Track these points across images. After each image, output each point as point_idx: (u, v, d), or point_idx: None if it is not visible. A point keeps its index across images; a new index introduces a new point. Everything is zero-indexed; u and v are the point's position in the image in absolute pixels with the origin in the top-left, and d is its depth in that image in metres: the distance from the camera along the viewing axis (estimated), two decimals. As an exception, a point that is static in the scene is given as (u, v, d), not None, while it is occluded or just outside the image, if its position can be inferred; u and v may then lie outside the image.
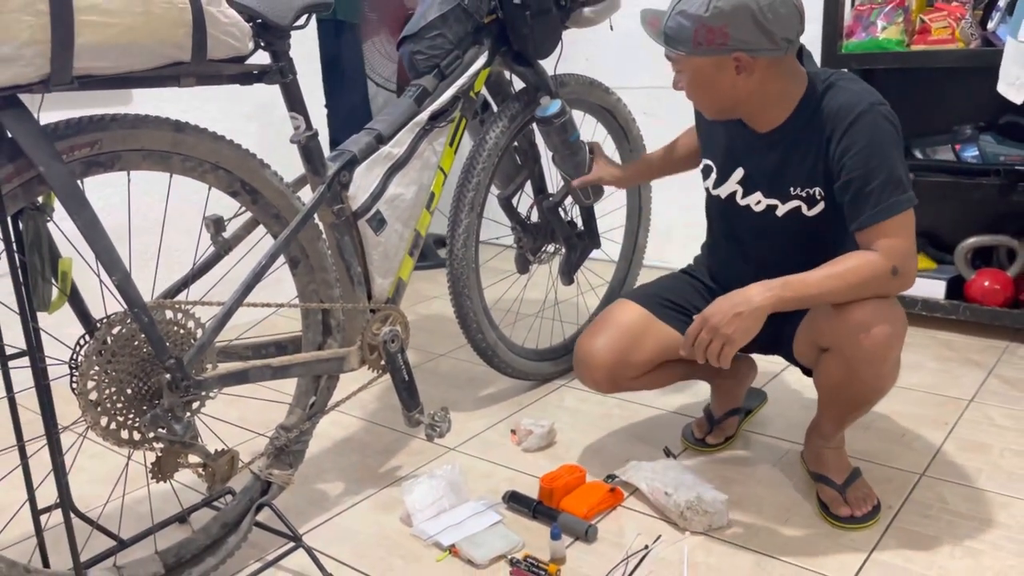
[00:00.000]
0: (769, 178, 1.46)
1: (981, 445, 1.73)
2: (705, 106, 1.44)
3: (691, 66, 1.37)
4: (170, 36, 1.14)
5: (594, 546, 1.45)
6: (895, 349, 1.33)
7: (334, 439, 1.93)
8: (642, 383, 1.64)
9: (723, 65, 1.34)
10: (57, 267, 1.24)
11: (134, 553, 1.40)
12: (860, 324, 1.30)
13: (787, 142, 1.41)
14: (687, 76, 1.40)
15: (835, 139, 1.34)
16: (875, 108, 1.31)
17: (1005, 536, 1.42)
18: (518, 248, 2.12)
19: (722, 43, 1.30)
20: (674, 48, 1.37)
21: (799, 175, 1.41)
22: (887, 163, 1.29)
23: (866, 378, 1.35)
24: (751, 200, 1.49)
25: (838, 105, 1.34)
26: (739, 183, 1.50)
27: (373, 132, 1.62)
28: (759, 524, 1.49)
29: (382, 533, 1.53)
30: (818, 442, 1.54)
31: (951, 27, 2.20)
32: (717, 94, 1.39)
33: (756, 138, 1.46)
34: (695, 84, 1.40)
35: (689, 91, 1.42)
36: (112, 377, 1.18)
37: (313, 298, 1.50)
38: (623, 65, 3.18)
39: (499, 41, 1.87)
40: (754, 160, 1.47)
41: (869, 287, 1.29)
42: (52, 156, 1.08)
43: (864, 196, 1.30)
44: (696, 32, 1.31)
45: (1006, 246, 2.34)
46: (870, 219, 1.30)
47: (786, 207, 1.44)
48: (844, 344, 1.33)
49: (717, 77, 1.36)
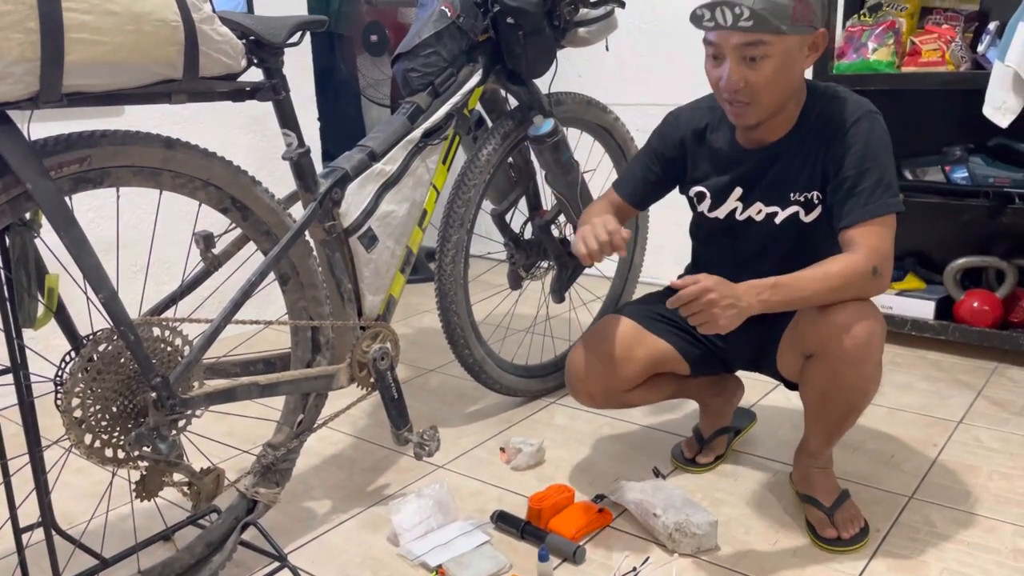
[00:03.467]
0: (769, 188, 1.46)
1: (969, 467, 1.73)
2: (773, 98, 1.34)
3: (783, 46, 1.27)
4: (162, 54, 1.13)
5: (582, 568, 1.44)
6: (876, 350, 1.34)
7: (322, 456, 1.92)
8: (633, 397, 1.64)
9: (804, 44, 1.31)
10: (44, 283, 1.23)
11: (117, 572, 1.39)
12: (841, 326, 1.32)
13: (790, 152, 1.42)
14: (775, 60, 1.28)
15: (834, 142, 1.36)
16: (872, 115, 1.36)
17: (993, 560, 1.42)
18: (511, 264, 2.12)
19: (812, 19, 1.27)
20: (769, 27, 1.24)
21: (799, 181, 1.42)
22: (880, 166, 1.33)
23: (850, 380, 1.36)
24: (751, 211, 1.49)
25: (837, 111, 1.37)
26: (738, 200, 1.50)
27: (366, 149, 1.62)
28: (748, 546, 1.49)
29: (369, 553, 1.52)
30: (806, 462, 1.54)
31: (941, 49, 2.22)
32: (792, 80, 1.33)
33: (754, 153, 1.45)
34: (780, 70, 1.29)
35: (768, 80, 1.30)
36: (97, 395, 1.17)
37: (303, 315, 1.49)
38: (616, 82, 3.19)
39: (493, 59, 1.87)
40: (752, 175, 1.47)
41: (851, 288, 1.32)
42: (40, 173, 1.08)
43: (855, 195, 1.33)
44: (795, 8, 1.25)
45: (995, 267, 2.35)
46: (858, 217, 1.33)
47: (785, 213, 1.45)
48: (827, 346, 1.35)
49: (798, 58, 1.31)
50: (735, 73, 1.32)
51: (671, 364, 1.64)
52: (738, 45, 1.30)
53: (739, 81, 1.32)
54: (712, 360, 1.65)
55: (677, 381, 1.71)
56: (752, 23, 1.25)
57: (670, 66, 3.07)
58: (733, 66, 1.32)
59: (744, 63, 1.31)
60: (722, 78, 1.34)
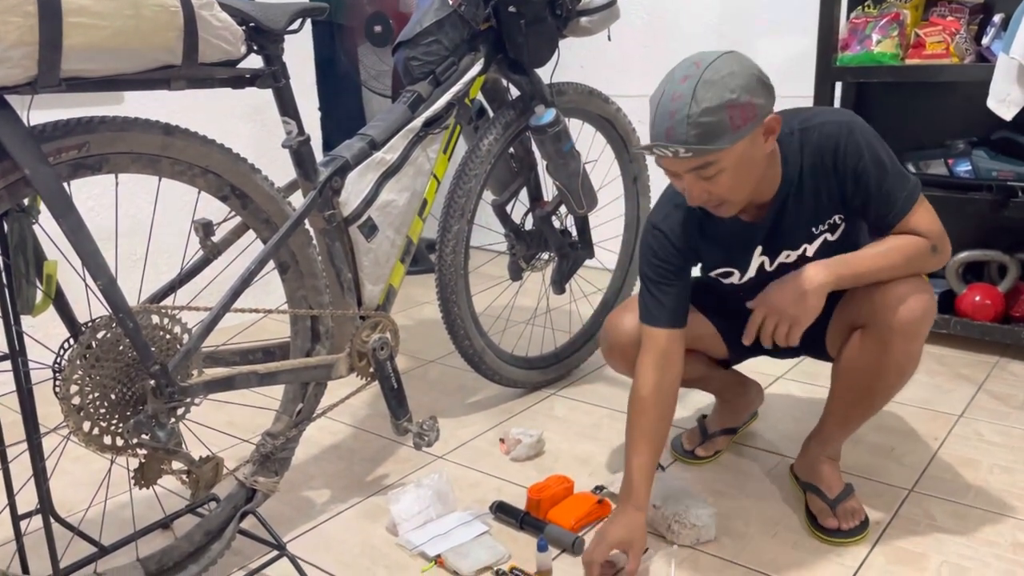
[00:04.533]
0: (790, 234, 1.42)
1: (970, 461, 1.73)
2: (743, 194, 1.31)
3: (733, 156, 1.24)
4: (161, 40, 1.13)
5: (581, 558, 1.44)
6: (926, 326, 1.36)
7: (321, 445, 1.91)
8: None
9: (755, 139, 1.26)
10: (42, 270, 1.22)
11: (115, 560, 1.39)
12: (899, 297, 1.34)
13: (794, 196, 1.38)
14: (730, 170, 1.25)
15: (839, 167, 1.34)
16: (854, 124, 1.35)
17: (992, 554, 1.42)
18: (511, 255, 2.12)
19: (754, 115, 1.23)
20: (712, 148, 1.21)
21: (817, 214, 1.40)
22: (887, 164, 1.33)
23: (896, 354, 1.36)
24: (780, 259, 1.46)
25: (823, 138, 1.34)
26: (762, 255, 1.46)
27: (366, 138, 1.61)
28: (747, 538, 1.48)
29: (367, 542, 1.52)
30: (816, 449, 1.54)
31: (946, 42, 2.21)
32: (756, 171, 1.30)
33: (759, 220, 1.41)
34: (739, 173, 1.26)
35: (730, 186, 1.28)
36: (96, 382, 1.17)
37: (302, 304, 1.49)
38: (618, 73, 3.18)
39: (495, 48, 1.86)
40: (768, 234, 1.43)
41: (913, 263, 1.34)
42: (38, 158, 1.07)
43: (882, 200, 1.34)
44: (731, 118, 1.21)
45: (997, 261, 2.34)
46: (895, 217, 1.34)
47: (815, 245, 1.43)
48: (882, 316, 1.35)
49: (754, 153, 1.27)
50: (695, 189, 1.29)
51: (709, 343, 1.65)
52: (689, 168, 1.27)
53: (702, 194, 1.30)
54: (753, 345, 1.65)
55: (708, 366, 1.71)
56: (692, 154, 1.22)
57: (673, 57, 3.05)
58: (691, 183, 1.29)
59: (700, 179, 1.28)
60: (686, 192, 1.31)
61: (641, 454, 1.41)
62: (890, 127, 2.55)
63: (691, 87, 1.20)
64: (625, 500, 1.40)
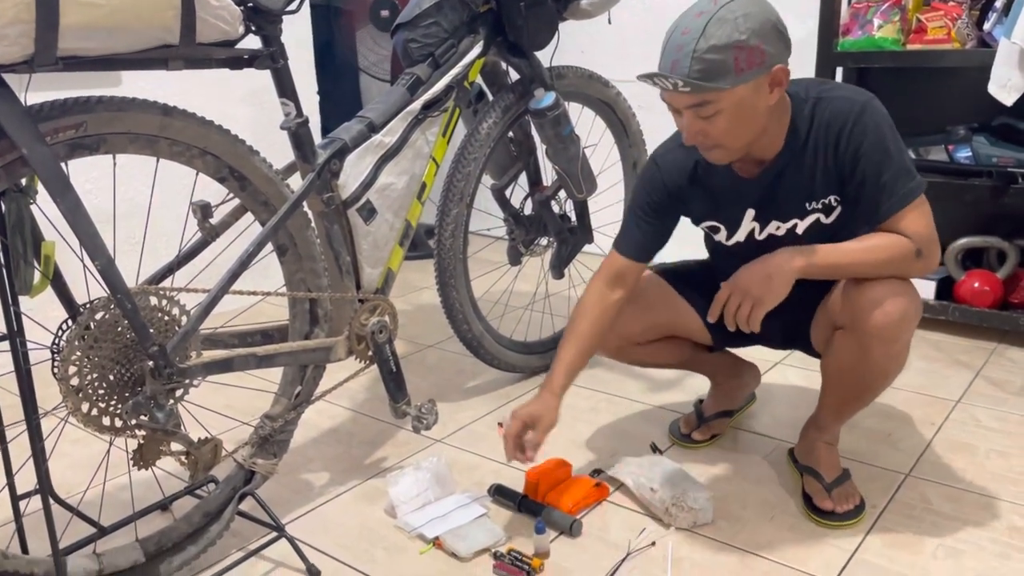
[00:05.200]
0: (783, 205, 1.42)
1: (967, 446, 1.73)
2: (740, 142, 1.30)
3: (733, 99, 1.23)
4: (158, 18, 1.12)
5: (578, 541, 1.45)
6: (907, 330, 1.34)
7: (320, 428, 1.92)
8: (644, 353, 1.66)
9: (760, 86, 1.25)
10: (40, 250, 1.22)
11: (114, 540, 1.39)
12: (875, 300, 1.31)
13: (794, 164, 1.37)
14: (728, 113, 1.25)
15: (841, 145, 1.32)
16: (869, 105, 1.32)
17: (988, 537, 1.42)
18: (510, 240, 2.11)
19: (761, 61, 1.21)
20: (712, 86, 1.21)
21: (812, 190, 1.39)
22: (893, 155, 1.30)
23: (876, 357, 1.35)
24: (770, 229, 1.46)
25: (833, 114, 1.32)
26: (754, 221, 1.46)
27: (365, 120, 1.60)
28: (744, 521, 1.49)
29: (366, 524, 1.52)
30: (813, 435, 1.55)
31: (947, 27, 2.20)
32: (755, 121, 1.28)
33: (755, 179, 1.41)
34: (737, 118, 1.26)
35: (726, 130, 1.27)
36: (94, 363, 1.17)
37: (301, 287, 1.49)
38: (619, 57, 3.16)
39: (494, 31, 1.85)
40: (761, 196, 1.43)
41: (894, 264, 1.31)
42: (35, 138, 1.07)
43: (879, 189, 1.31)
44: (736, 59, 1.20)
45: (996, 248, 2.34)
46: (888, 210, 1.31)
47: (806, 223, 1.42)
48: (858, 319, 1.34)
49: (756, 101, 1.26)
50: (692, 127, 1.28)
51: (692, 332, 1.65)
52: (688, 104, 1.26)
53: (697, 134, 1.29)
54: (739, 335, 1.65)
55: (694, 350, 1.71)
56: (689, 89, 1.21)
57: (673, 42, 3.04)
58: (689, 120, 1.28)
59: (698, 118, 1.27)
60: (683, 129, 1.31)
61: (570, 351, 1.50)
62: (891, 113, 2.52)
63: (703, 23, 1.20)
64: (543, 386, 1.48)
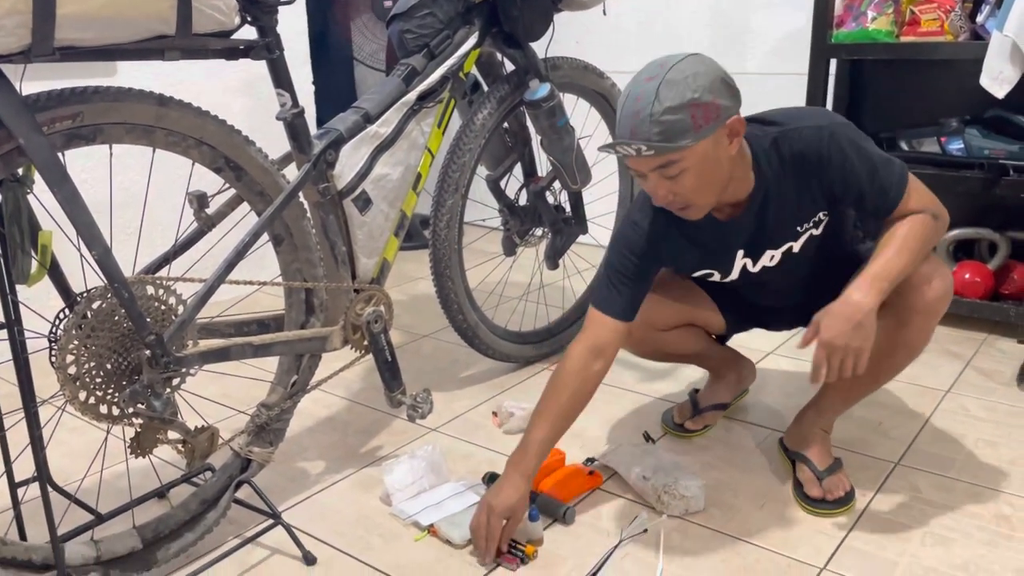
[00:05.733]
0: (772, 234, 1.44)
1: (956, 435, 1.75)
2: (709, 196, 1.32)
3: (696, 156, 1.25)
4: (155, 9, 1.13)
5: (571, 528, 1.47)
6: (944, 307, 1.39)
7: (316, 418, 1.93)
8: (669, 340, 1.68)
9: (719, 139, 1.26)
10: (37, 240, 1.23)
11: (112, 528, 1.40)
12: (925, 276, 1.37)
13: (772, 196, 1.39)
14: (693, 170, 1.26)
15: (825, 173, 1.35)
16: (835, 128, 1.34)
17: (976, 525, 1.44)
18: (505, 230, 2.12)
19: (717, 115, 1.23)
20: (674, 146, 1.22)
21: (800, 215, 1.41)
22: (873, 158, 1.34)
23: (914, 332, 1.39)
24: (764, 260, 1.48)
25: (805, 144, 1.34)
26: (744, 257, 1.48)
27: (360, 111, 1.61)
28: (735, 509, 1.51)
29: (361, 512, 1.54)
30: (812, 418, 1.57)
31: (941, 19, 2.21)
32: (721, 173, 1.30)
33: (735, 221, 1.42)
34: (702, 174, 1.27)
35: (694, 187, 1.28)
36: (91, 352, 1.18)
37: (296, 277, 1.49)
38: (613, 49, 3.17)
39: (489, 22, 1.86)
40: (748, 236, 1.44)
41: (927, 239, 1.34)
42: (32, 128, 1.07)
43: (877, 192, 1.34)
44: (694, 117, 1.21)
45: (988, 239, 2.36)
46: (893, 203, 1.35)
47: (800, 242, 1.45)
48: (907, 295, 1.37)
49: (718, 154, 1.27)
50: (660, 189, 1.30)
51: (708, 317, 1.68)
52: (653, 167, 1.27)
53: (667, 195, 1.30)
54: (750, 319, 1.69)
55: (707, 342, 1.74)
56: (654, 152, 1.23)
57: (668, 33, 3.04)
58: (656, 183, 1.29)
59: (665, 179, 1.28)
60: (652, 192, 1.32)
61: (544, 430, 1.43)
62: (884, 105, 2.57)
63: (654, 87, 1.21)
64: (514, 467, 1.42)
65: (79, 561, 1.27)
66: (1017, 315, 2.20)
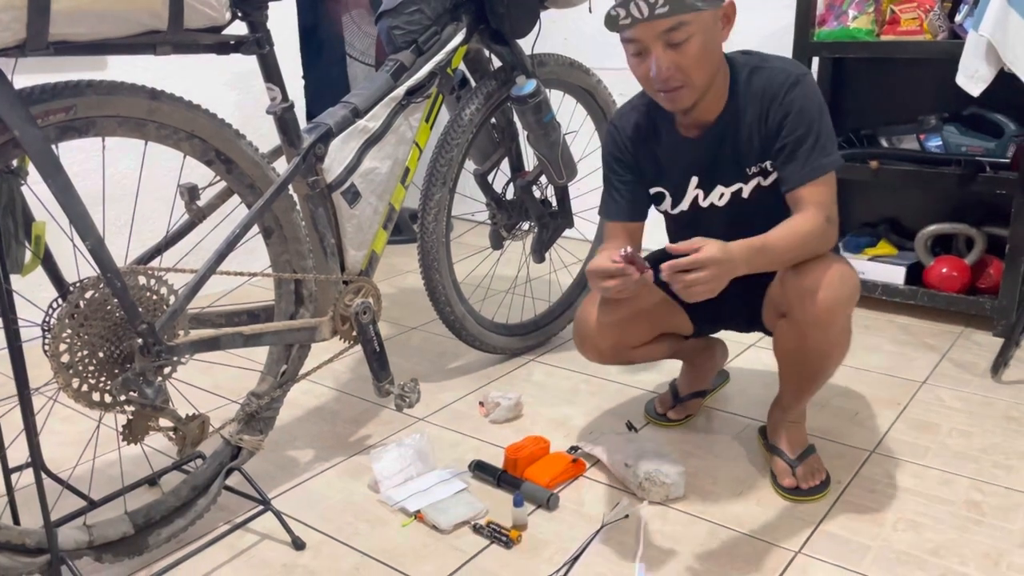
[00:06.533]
0: (724, 169, 1.49)
1: (930, 425, 1.80)
2: (706, 76, 1.35)
3: (702, 23, 1.28)
4: (147, 4, 1.15)
5: (555, 513, 1.50)
6: (841, 314, 1.39)
7: (305, 407, 1.96)
8: (638, 353, 1.69)
9: (717, 18, 1.32)
10: (31, 230, 1.25)
11: (104, 513, 1.43)
12: (808, 288, 1.37)
13: (731, 128, 1.45)
14: (698, 38, 1.29)
15: (771, 112, 1.40)
16: (802, 79, 1.39)
17: (947, 511, 1.49)
18: (492, 224, 2.15)
19: None
20: (684, 8, 1.25)
21: (749, 155, 1.46)
22: (814, 128, 1.37)
23: (815, 342, 1.42)
24: (714, 197, 1.52)
25: (768, 81, 1.40)
26: (697, 187, 1.53)
27: (349, 106, 1.64)
28: (715, 496, 1.55)
29: (350, 499, 1.57)
30: (778, 415, 1.61)
31: (920, 18, 2.25)
32: (716, 56, 1.34)
33: (697, 140, 1.47)
34: (705, 47, 1.30)
35: (697, 57, 1.31)
36: (84, 340, 1.20)
37: (286, 268, 1.52)
38: (601, 45, 3.19)
39: (477, 19, 1.88)
40: (704, 161, 1.49)
41: (815, 240, 1.36)
42: (27, 120, 1.09)
43: (794, 159, 1.38)
44: None
45: (965, 234, 2.41)
46: (798, 180, 1.38)
47: (749, 187, 1.49)
48: (794, 307, 1.40)
49: (716, 34, 1.32)
50: (664, 60, 1.32)
51: (678, 323, 1.70)
52: (660, 33, 1.30)
53: (670, 67, 1.32)
54: (715, 320, 1.72)
55: (677, 341, 1.76)
56: (668, 8, 1.25)
57: (655, 30, 3.06)
58: (660, 55, 1.32)
59: (669, 49, 1.31)
60: (651, 69, 1.34)
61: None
62: (865, 102, 2.61)
63: None
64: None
65: (72, 545, 1.29)
66: (993, 309, 2.25)
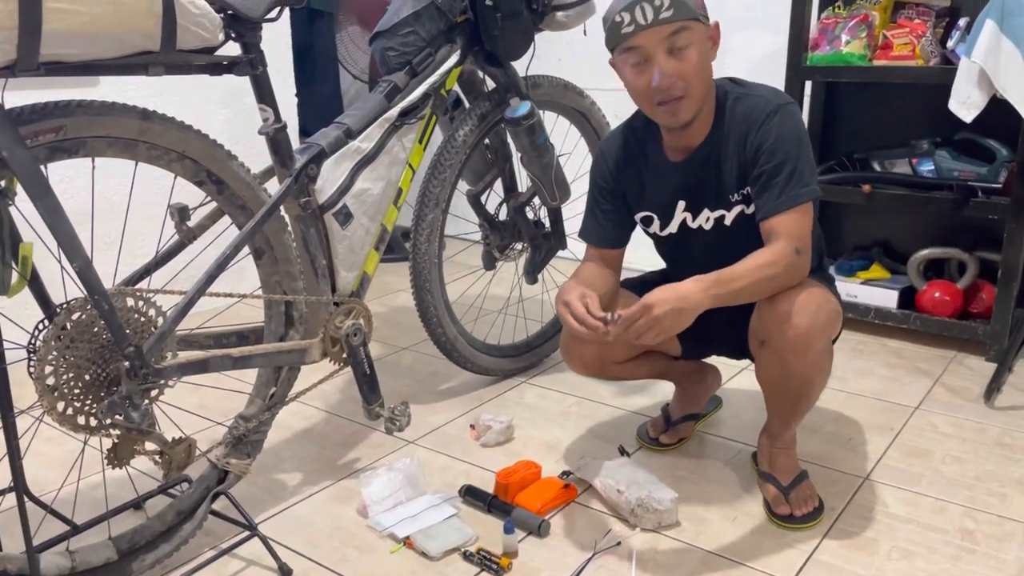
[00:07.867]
0: (709, 194, 1.50)
1: (923, 451, 1.79)
2: (703, 88, 1.37)
3: (700, 35, 1.32)
4: (139, 26, 1.14)
5: (546, 541, 1.48)
6: (818, 339, 1.38)
7: (293, 429, 1.94)
8: (623, 370, 1.69)
9: (706, 36, 1.36)
10: (18, 251, 1.23)
11: (87, 538, 1.40)
12: (783, 315, 1.37)
13: (716, 153, 1.46)
14: (697, 47, 1.32)
15: (749, 140, 1.41)
16: (783, 108, 1.40)
17: (941, 540, 1.48)
18: (485, 245, 2.15)
19: (706, 12, 1.33)
20: (688, 14, 1.30)
21: (731, 182, 1.47)
22: (792, 158, 1.37)
23: (795, 368, 1.41)
24: (701, 220, 1.53)
25: (749, 110, 1.41)
26: (685, 211, 1.54)
27: (342, 126, 1.63)
28: (707, 522, 1.53)
29: (338, 524, 1.55)
30: (767, 442, 1.60)
31: (912, 44, 2.27)
32: (710, 72, 1.37)
33: (684, 164, 1.49)
34: (703, 56, 1.34)
35: (697, 66, 1.34)
36: (70, 363, 1.19)
37: (277, 289, 1.51)
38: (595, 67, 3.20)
39: (471, 40, 1.89)
40: (690, 185, 1.50)
41: (782, 273, 1.36)
42: (15, 141, 1.08)
43: (769, 188, 1.38)
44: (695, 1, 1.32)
45: (957, 259, 2.41)
46: (772, 209, 1.38)
47: (732, 214, 1.50)
48: (771, 335, 1.41)
49: (707, 49, 1.36)
50: (666, 66, 1.33)
51: (665, 344, 1.69)
52: (663, 38, 1.32)
53: (672, 73, 1.34)
54: (703, 344, 1.71)
55: (665, 361, 1.76)
56: (672, 12, 1.29)
57: (648, 52, 3.08)
58: (663, 61, 1.33)
59: (672, 56, 1.33)
60: (653, 79, 1.35)
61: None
62: (857, 126, 2.62)
63: None
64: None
65: (54, 572, 1.27)
66: (985, 333, 2.25)
